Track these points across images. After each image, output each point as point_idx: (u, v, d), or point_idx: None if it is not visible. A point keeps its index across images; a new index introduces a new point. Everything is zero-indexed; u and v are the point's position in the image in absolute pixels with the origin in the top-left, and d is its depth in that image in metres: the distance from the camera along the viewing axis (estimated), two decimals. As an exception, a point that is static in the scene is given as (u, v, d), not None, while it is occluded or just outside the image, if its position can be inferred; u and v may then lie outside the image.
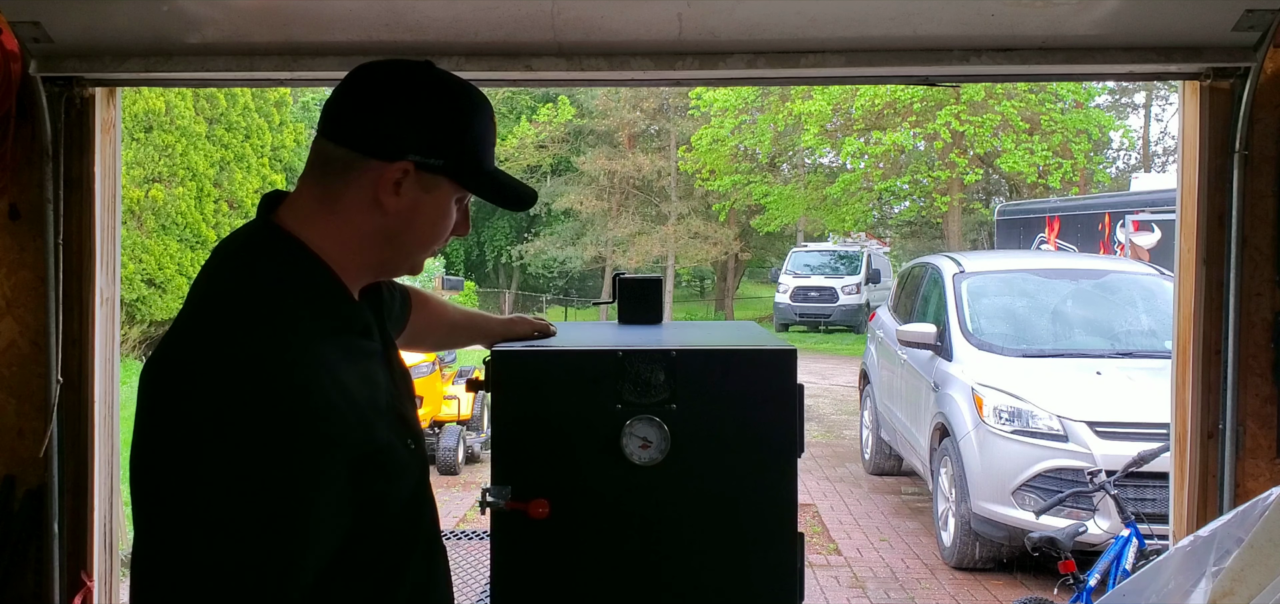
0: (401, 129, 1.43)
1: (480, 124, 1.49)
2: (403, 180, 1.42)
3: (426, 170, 1.43)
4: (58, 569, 3.16)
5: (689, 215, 31.23)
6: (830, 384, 16.16)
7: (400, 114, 1.44)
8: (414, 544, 1.51)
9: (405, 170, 1.42)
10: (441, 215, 1.48)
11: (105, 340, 3.24)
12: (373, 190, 1.42)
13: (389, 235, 1.45)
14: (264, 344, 1.30)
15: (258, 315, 1.34)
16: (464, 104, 1.48)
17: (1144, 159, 34.44)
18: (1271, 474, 3.05)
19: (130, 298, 15.19)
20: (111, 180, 3.27)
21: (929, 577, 6.97)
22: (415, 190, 1.43)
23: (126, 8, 2.91)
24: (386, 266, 1.52)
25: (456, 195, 1.48)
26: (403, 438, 1.48)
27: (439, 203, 1.47)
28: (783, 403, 2.27)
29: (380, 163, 1.41)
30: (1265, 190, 3.05)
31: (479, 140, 1.49)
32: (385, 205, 1.43)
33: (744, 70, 3.05)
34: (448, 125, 1.45)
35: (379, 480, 1.40)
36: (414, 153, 1.42)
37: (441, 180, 1.45)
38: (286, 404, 1.27)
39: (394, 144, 1.42)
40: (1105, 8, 2.89)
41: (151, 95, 15.45)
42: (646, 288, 2.81)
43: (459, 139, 1.46)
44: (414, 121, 1.43)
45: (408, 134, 1.43)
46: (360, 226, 1.44)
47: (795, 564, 2.29)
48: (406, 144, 1.42)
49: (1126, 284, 8.45)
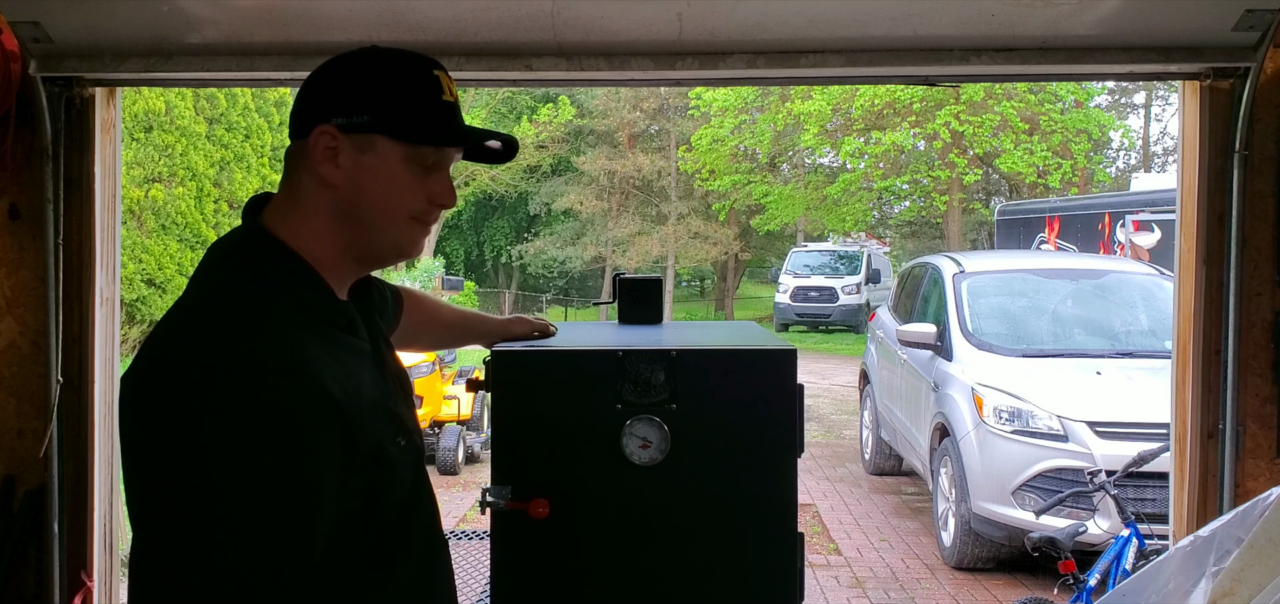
0: (321, 98, 1.45)
1: (410, 77, 1.47)
2: (334, 147, 1.42)
3: (354, 131, 1.42)
4: (58, 569, 3.16)
5: (689, 215, 31.23)
6: (830, 384, 16.16)
7: (320, 85, 1.47)
8: (409, 542, 1.50)
9: (331, 134, 1.42)
10: (391, 176, 1.44)
11: (105, 340, 3.24)
12: (314, 169, 1.43)
13: (345, 211, 1.44)
14: (248, 340, 1.31)
15: (239, 314, 1.35)
16: (389, 62, 1.47)
17: (1144, 159, 34.45)
18: (1271, 474, 3.05)
19: (130, 298, 15.19)
20: (111, 180, 3.27)
21: (929, 577, 6.97)
22: (352, 154, 1.43)
23: (126, 8, 2.91)
24: (362, 250, 1.48)
25: (405, 154, 1.44)
26: (393, 435, 1.46)
27: (383, 163, 1.44)
28: (783, 403, 2.27)
29: (312, 136, 1.43)
30: (1265, 190, 3.05)
31: (410, 91, 1.46)
32: (328, 178, 1.43)
33: (744, 70, 3.05)
34: (367, 82, 1.45)
35: (368, 475, 1.39)
36: (336, 115, 1.43)
37: (376, 138, 1.43)
38: (276, 392, 1.28)
39: (316, 113, 1.44)
40: (1105, 8, 2.89)
41: (151, 95, 15.44)
42: (646, 288, 2.81)
43: (382, 92, 1.44)
44: (331, 87, 1.45)
45: (326, 100, 1.44)
46: (319, 210, 1.44)
47: (795, 564, 2.29)
48: (326, 110, 1.43)
49: (1126, 284, 8.45)
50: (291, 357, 1.32)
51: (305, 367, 1.32)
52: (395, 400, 1.52)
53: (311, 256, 1.44)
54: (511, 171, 31.96)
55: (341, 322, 1.46)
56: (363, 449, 1.37)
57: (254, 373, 1.28)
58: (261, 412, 1.26)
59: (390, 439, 1.45)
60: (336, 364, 1.38)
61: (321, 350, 1.37)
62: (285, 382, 1.29)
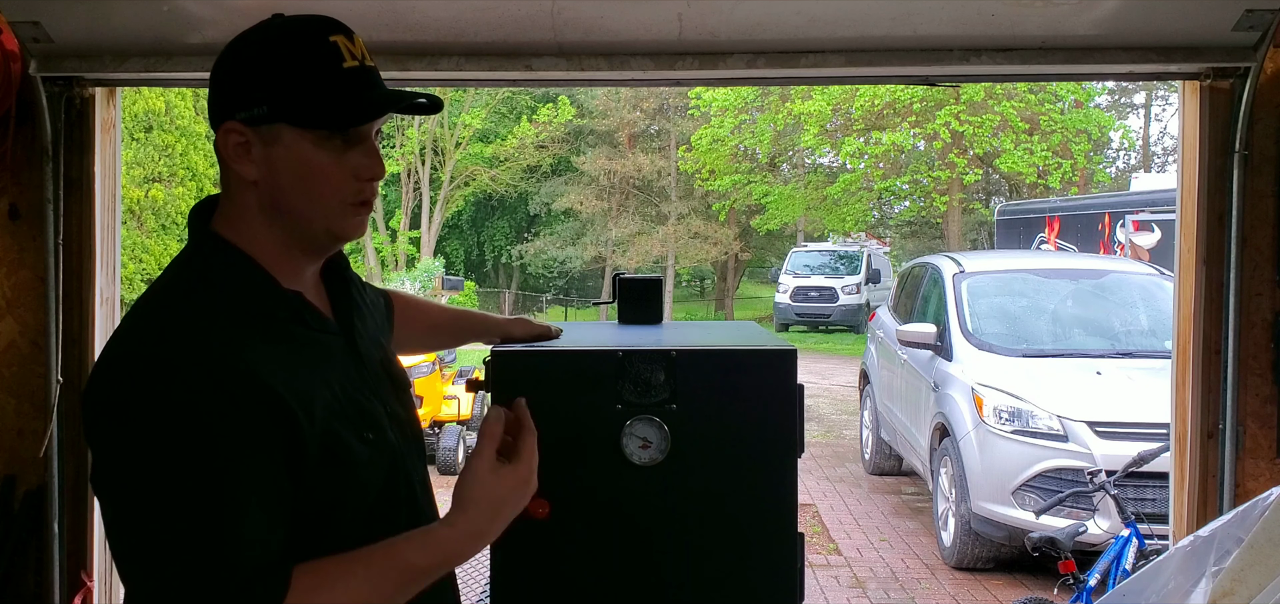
0: (223, 90, 1.41)
1: (303, 52, 1.39)
2: (244, 142, 1.38)
3: (257, 123, 1.37)
4: (58, 569, 3.16)
5: (689, 215, 31.23)
6: (830, 384, 16.16)
7: (221, 74, 1.42)
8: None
9: (238, 130, 1.38)
10: (305, 165, 1.38)
11: (105, 340, 3.24)
12: (232, 166, 1.40)
13: (271, 203, 1.40)
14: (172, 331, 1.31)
15: (168, 310, 1.36)
16: (282, 37, 1.41)
17: (1144, 159, 34.44)
18: (1271, 474, 3.05)
19: (130, 298, 15.15)
20: (111, 180, 3.27)
21: (929, 577, 6.97)
22: (262, 148, 1.38)
23: (126, 8, 2.91)
24: (300, 241, 1.43)
25: (313, 138, 1.38)
26: (359, 430, 1.41)
27: (292, 152, 1.38)
28: (783, 403, 2.27)
29: (220, 135, 1.40)
30: (1265, 190, 3.05)
31: (304, 69, 1.38)
32: (246, 174, 1.39)
33: (744, 70, 3.05)
34: (261, 67, 1.38)
35: (325, 473, 1.34)
36: (237, 109, 1.38)
37: (279, 128, 1.37)
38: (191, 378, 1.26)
39: (222, 109, 1.40)
40: (1105, 8, 2.89)
41: (151, 95, 15.45)
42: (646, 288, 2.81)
43: (276, 76, 1.38)
44: (230, 77, 1.41)
45: (228, 93, 1.40)
46: (248, 206, 1.41)
47: (795, 564, 2.29)
48: (229, 104, 1.39)
49: (1126, 284, 8.45)
50: (214, 345, 1.29)
51: (227, 353, 1.29)
52: (369, 395, 1.47)
53: (254, 251, 1.41)
54: (511, 171, 31.98)
55: (285, 312, 1.41)
56: (311, 438, 1.33)
57: (172, 362, 1.27)
58: (176, 399, 1.26)
59: (353, 433, 1.40)
60: (276, 353, 1.34)
61: (258, 339, 1.34)
62: (202, 368, 1.27)
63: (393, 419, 1.52)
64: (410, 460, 1.55)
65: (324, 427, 1.35)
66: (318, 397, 1.36)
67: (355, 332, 1.52)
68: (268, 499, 1.28)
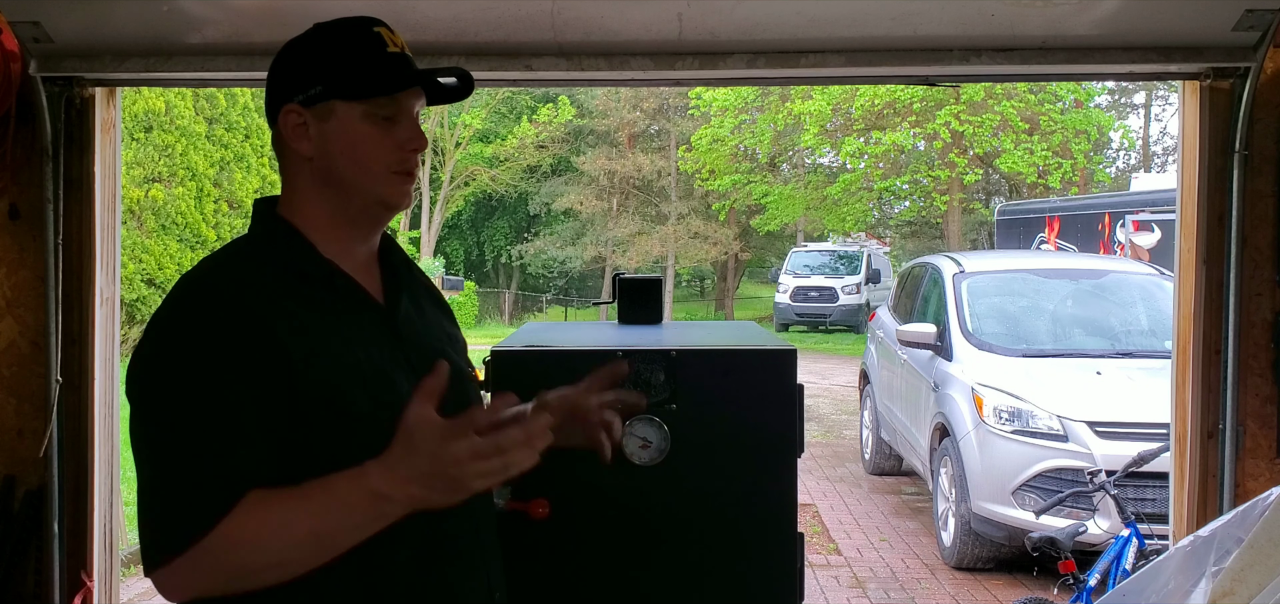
0: (280, 82, 1.60)
1: (352, 39, 1.59)
2: (302, 122, 1.56)
3: (313, 102, 1.56)
4: (58, 569, 3.16)
5: (689, 215, 31.22)
6: (830, 384, 16.15)
7: (277, 72, 1.62)
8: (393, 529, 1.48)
9: (296, 111, 1.57)
10: (355, 135, 1.56)
11: (105, 340, 3.24)
12: (291, 146, 1.58)
13: (324, 177, 1.58)
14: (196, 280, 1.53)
15: (205, 266, 1.57)
16: (331, 31, 1.60)
17: (1144, 159, 34.44)
18: (1271, 474, 3.05)
19: (130, 298, 15.18)
20: (111, 180, 3.27)
21: (929, 577, 6.97)
22: (317, 125, 1.56)
23: (126, 8, 2.91)
24: (351, 210, 1.59)
25: (362, 111, 1.56)
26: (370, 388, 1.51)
27: (344, 126, 1.56)
28: (783, 403, 2.27)
29: (280, 119, 1.58)
30: (1265, 190, 3.05)
31: (354, 52, 1.57)
32: (302, 151, 1.57)
33: (744, 70, 3.05)
34: (315, 55, 1.58)
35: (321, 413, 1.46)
36: (295, 93, 1.57)
37: (333, 105, 1.56)
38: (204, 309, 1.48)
39: (279, 98, 1.59)
40: (1105, 8, 2.89)
41: (151, 95, 15.43)
42: (646, 288, 2.82)
43: (329, 60, 1.57)
44: (286, 70, 1.60)
45: (285, 83, 1.59)
46: (305, 184, 1.59)
47: (795, 564, 2.30)
48: (287, 90, 1.58)
49: (1126, 284, 8.45)
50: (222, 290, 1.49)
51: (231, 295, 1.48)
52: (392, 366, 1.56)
53: (305, 225, 1.58)
54: (511, 171, 31.98)
55: (319, 276, 1.56)
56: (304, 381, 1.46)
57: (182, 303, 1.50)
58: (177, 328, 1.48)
59: (360, 390, 1.50)
60: (291, 306, 1.50)
61: (277, 291, 1.50)
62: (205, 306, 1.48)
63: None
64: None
65: (323, 377, 1.48)
66: (324, 349, 1.50)
67: (398, 312, 1.63)
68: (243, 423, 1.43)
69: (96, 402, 3.21)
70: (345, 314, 1.56)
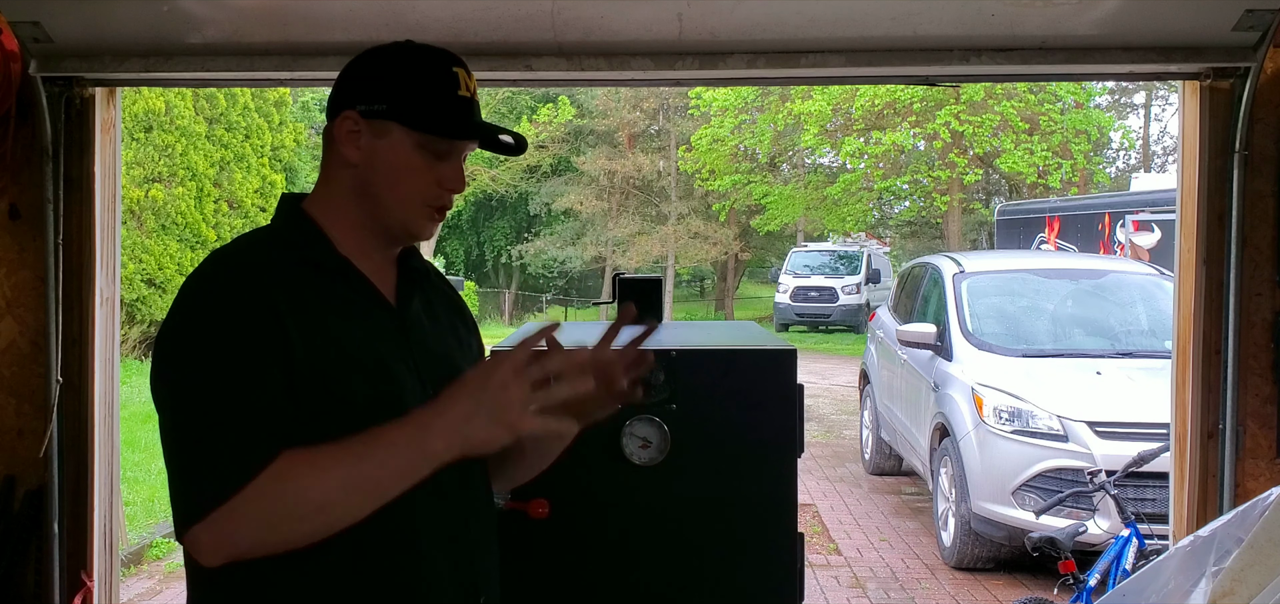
0: (348, 85, 1.62)
1: (429, 71, 1.61)
2: (356, 130, 1.59)
3: (373, 117, 1.58)
4: (58, 569, 3.16)
5: (689, 215, 31.21)
6: (830, 384, 16.15)
7: (349, 74, 1.64)
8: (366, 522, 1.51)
9: (353, 119, 1.59)
10: (404, 161, 1.59)
11: (105, 340, 3.24)
12: (339, 148, 1.61)
13: (361, 188, 1.61)
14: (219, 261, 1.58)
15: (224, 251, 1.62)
16: (412, 55, 1.62)
17: (1144, 159, 34.43)
18: (1271, 474, 3.05)
19: (130, 298, 15.17)
20: (111, 180, 3.27)
21: (929, 577, 6.98)
22: (370, 138, 1.59)
23: (126, 8, 2.91)
24: (376, 225, 1.62)
25: (416, 141, 1.58)
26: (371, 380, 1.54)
27: (396, 148, 1.58)
28: (783, 403, 2.28)
29: (337, 121, 1.61)
30: (1265, 190, 3.05)
31: (426, 84, 1.59)
32: (348, 157, 1.60)
33: (744, 70, 3.05)
34: (388, 73, 1.60)
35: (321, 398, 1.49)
36: (359, 102, 1.59)
37: (391, 126, 1.58)
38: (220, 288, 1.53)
39: (343, 99, 1.62)
40: (1105, 8, 2.89)
41: (151, 95, 15.43)
42: (646, 288, 2.82)
43: (400, 83, 1.59)
44: (357, 76, 1.62)
45: (352, 88, 1.61)
46: (341, 185, 1.62)
47: (795, 564, 2.30)
48: (352, 96, 1.61)
49: (1126, 284, 8.44)
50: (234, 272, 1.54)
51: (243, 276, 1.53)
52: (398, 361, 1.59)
53: (328, 222, 1.62)
54: (512, 171, 31.97)
55: (332, 268, 1.59)
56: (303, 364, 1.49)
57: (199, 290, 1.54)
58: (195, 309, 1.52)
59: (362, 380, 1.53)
60: (300, 293, 1.53)
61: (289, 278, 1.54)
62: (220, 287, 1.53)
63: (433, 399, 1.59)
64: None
65: (324, 364, 1.51)
66: (328, 338, 1.53)
67: (408, 313, 1.66)
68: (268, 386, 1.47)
69: (96, 402, 3.21)
70: (354, 308, 1.59)
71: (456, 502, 1.61)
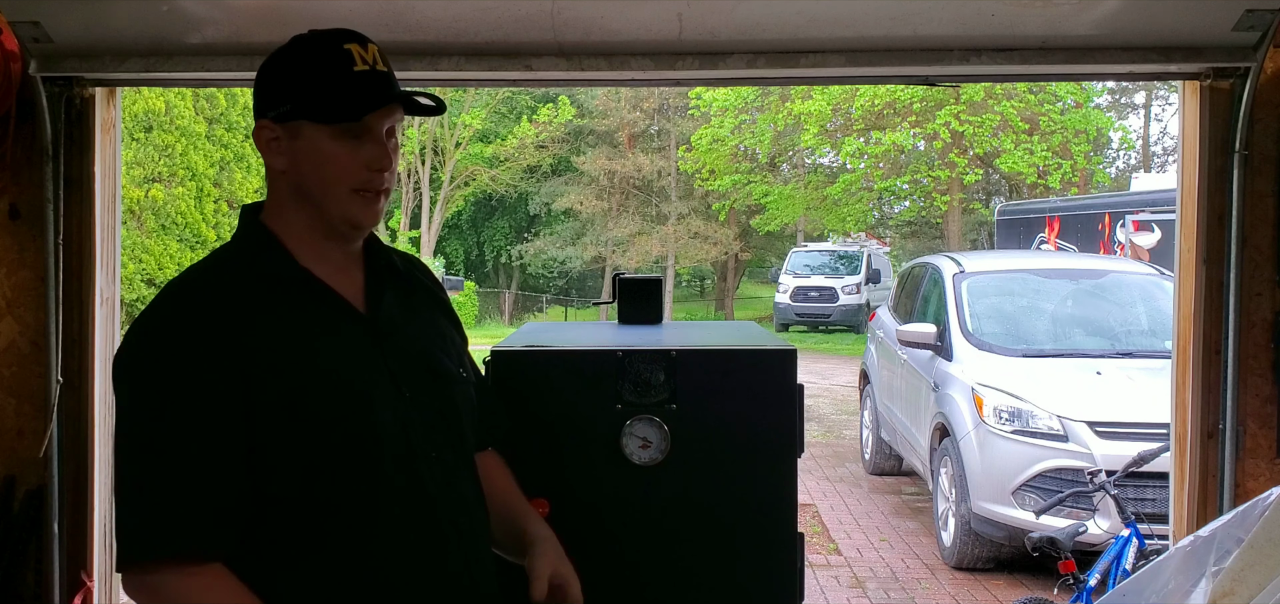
0: (258, 94, 1.65)
1: (320, 59, 1.60)
2: (276, 136, 1.61)
3: (284, 120, 1.60)
4: (58, 569, 3.16)
5: (689, 215, 31.21)
6: (830, 384, 16.15)
7: (257, 84, 1.66)
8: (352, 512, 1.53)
9: (269, 127, 1.61)
10: (323, 154, 1.59)
11: (105, 340, 3.24)
12: (267, 159, 1.63)
13: (296, 190, 1.62)
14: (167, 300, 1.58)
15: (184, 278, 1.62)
16: (302, 48, 1.63)
17: (1144, 159, 34.42)
18: (1271, 474, 3.05)
19: (130, 298, 15.17)
20: (111, 180, 3.27)
21: (929, 577, 6.97)
22: (288, 141, 1.60)
23: (126, 8, 2.91)
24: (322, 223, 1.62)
25: (328, 132, 1.58)
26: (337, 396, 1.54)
27: (312, 144, 1.59)
28: (783, 403, 2.27)
29: (256, 132, 1.64)
30: (1265, 190, 3.05)
31: (320, 73, 1.59)
32: (277, 165, 1.62)
33: (744, 70, 3.05)
34: (285, 72, 1.62)
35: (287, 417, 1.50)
36: (269, 109, 1.62)
37: (302, 124, 1.59)
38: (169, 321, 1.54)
39: (257, 109, 1.65)
40: (1105, 8, 2.89)
41: (151, 95, 15.43)
42: (646, 288, 2.82)
43: (297, 79, 1.60)
44: (263, 83, 1.65)
45: (262, 95, 1.64)
46: (281, 193, 1.64)
47: (795, 564, 2.30)
48: (263, 104, 1.63)
49: (1126, 284, 8.44)
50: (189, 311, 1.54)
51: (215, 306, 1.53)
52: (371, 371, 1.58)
53: (283, 233, 1.62)
54: (511, 171, 31.97)
55: (294, 283, 1.59)
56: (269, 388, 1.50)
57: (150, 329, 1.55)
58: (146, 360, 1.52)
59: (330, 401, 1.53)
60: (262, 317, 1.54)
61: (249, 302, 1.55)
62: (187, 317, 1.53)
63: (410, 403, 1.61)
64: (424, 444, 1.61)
65: (289, 385, 1.52)
66: (291, 359, 1.53)
67: (380, 316, 1.64)
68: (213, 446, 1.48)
69: (96, 402, 3.22)
70: (320, 323, 1.59)
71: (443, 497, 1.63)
